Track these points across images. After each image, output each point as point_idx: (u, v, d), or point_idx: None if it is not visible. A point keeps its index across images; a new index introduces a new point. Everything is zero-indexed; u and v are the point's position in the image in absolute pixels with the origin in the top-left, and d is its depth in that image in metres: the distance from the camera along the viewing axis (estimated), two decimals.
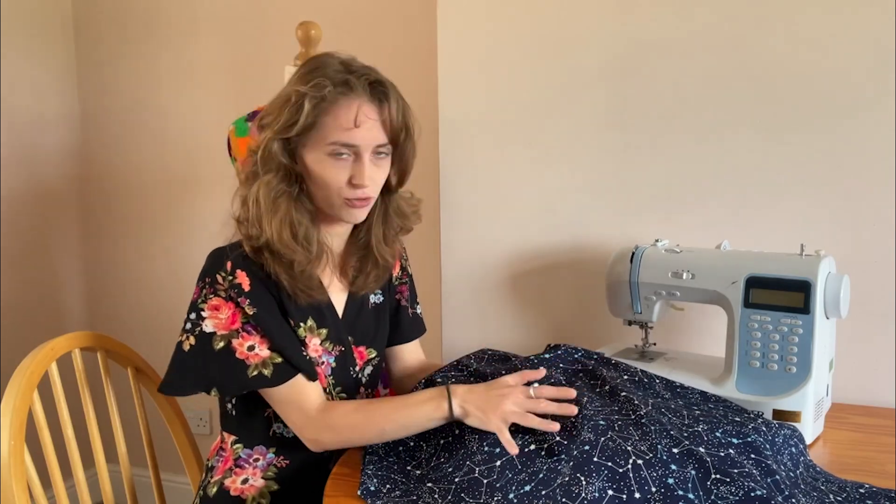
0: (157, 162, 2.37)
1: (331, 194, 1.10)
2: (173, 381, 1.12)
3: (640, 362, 1.27)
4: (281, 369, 1.09)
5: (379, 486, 0.99)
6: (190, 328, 1.11)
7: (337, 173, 1.09)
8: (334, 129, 1.07)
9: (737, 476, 0.87)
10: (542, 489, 0.90)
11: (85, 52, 2.43)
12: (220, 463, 1.20)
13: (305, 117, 1.06)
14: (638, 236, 1.42)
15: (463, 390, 1.07)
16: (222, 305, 1.09)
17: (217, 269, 1.10)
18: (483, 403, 1.04)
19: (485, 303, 1.60)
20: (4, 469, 1.08)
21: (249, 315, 1.09)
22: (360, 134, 1.08)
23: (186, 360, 1.11)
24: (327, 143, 1.07)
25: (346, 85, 1.07)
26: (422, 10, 1.90)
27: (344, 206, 1.11)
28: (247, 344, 1.09)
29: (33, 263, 2.35)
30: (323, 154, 1.08)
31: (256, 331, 1.09)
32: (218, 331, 1.09)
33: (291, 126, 1.07)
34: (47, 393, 1.19)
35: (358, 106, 1.07)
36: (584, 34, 1.46)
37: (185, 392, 1.12)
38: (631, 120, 1.45)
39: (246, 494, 1.15)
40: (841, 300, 1.12)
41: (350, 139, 1.07)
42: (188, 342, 1.11)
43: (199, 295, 1.11)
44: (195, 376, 1.10)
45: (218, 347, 1.09)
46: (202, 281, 1.12)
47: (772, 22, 1.34)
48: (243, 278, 1.09)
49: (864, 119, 1.30)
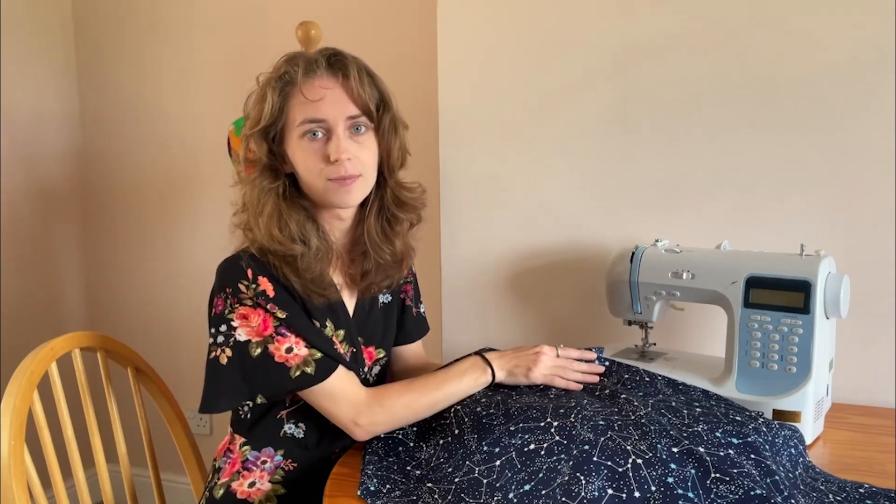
0: (156, 162, 2.37)
1: (314, 178, 1.10)
2: (214, 397, 1.09)
3: (640, 362, 1.27)
4: (323, 364, 1.09)
5: (379, 486, 0.99)
6: (223, 341, 1.08)
7: (314, 154, 1.09)
8: (300, 108, 1.08)
9: (736, 475, 0.87)
10: (541, 489, 0.90)
11: (85, 52, 2.43)
12: (228, 465, 1.20)
13: (271, 105, 1.08)
14: (638, 236, 1.42)
15: (496, 355, 1.18)
16: (251, 313, 1.08)
17: (238, 279, 1.08)
18: (522, 362, 1.16)
19: (485, 303, 1.60)
20: (4, 469, 1.08)
21: (281, 319, 1.08)
22: (325, 107, 1.08)
23: (226, 372, 1.08)
24: (297, 124, 1.08)
25: (306, 66, 1.09)
26: (422, 10, 1.90)
27: (331, 189, 1.10)
28: (284, 346, 1.08)
29: (33, 263, 2.35)
30: (297, 138, 1.09)
31: (290, 332, 1.08)
32: (252, 338, 1.07)
33: (262, 118, 1.08)
34: (47, 393, 1.19)
35: (319, 80, 1.09)
36: (584, 34, 1.46)
37: (230, 406, 1.10)
38: (631, 120, 1.45)
39: (252, 498, 1.15)
40: (841, 300, 1.12)
41: (316, 113, 1.08)
42: (224, 355, 1.08)
43: (225, 306, 1.09)
44: (236, 387, 1.08)
45: (256, 354, 1.07)
46: (223, 292, 1.09)
47: (772, 22, 1.33)
48: (266, 284, 1.08)
49: (864, 119, 1.30)
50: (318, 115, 1.08)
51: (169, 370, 1.65)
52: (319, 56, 1.10)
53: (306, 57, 1.11)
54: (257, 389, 1.08)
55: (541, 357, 1.16)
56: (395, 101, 1.15)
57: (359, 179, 1.11)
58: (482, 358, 1.16)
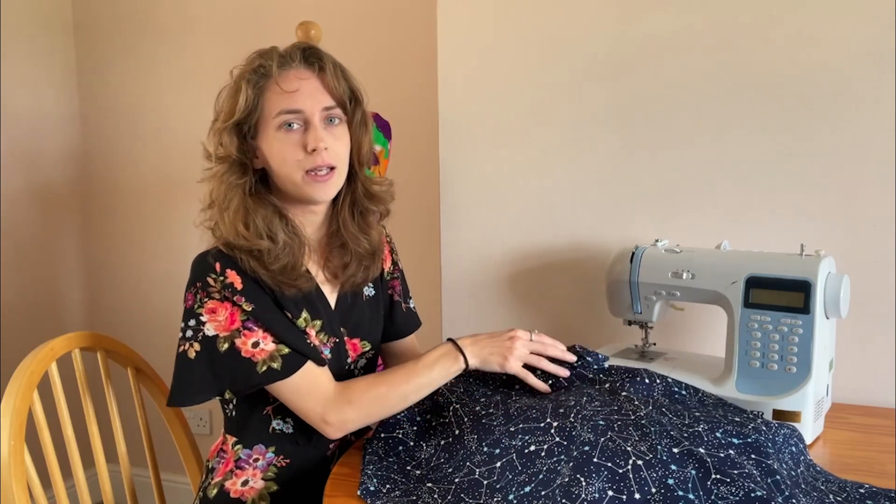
0: (156, 162, 2.37)
1: (290, 170, 1.10)
2: (182, 391, 1.10)
3: (640, 362, 1.27)
4: (290, 359, 1.08)
5: (379, 486, 0.99)
6: (192, 335, 1.09)
7: (291, 145, 1.09)
8: (277, 99, 1.08)
9: (737, 477, 0.87)
10: (541, 490, 0.90)
11: (85, 52, 2.43)
12: (221, 465, 1.20)
13: (246, 98, 1.08)
14: (638, 236, 1.42)
15: (470, 341, 1.14)
16: (218, 307, 1.08)
17: (206, 273, 1.09)
18: (496, 348, 1.13)
19: (485, 302, 1.60)
20: (4, 469, 1.08)
21: (248, 311, 1.08)
22: (301, 98, 1.09)
23: (194, 367, 1.09)
24: (273, 116, 1.09)
25: (281, 59, 1.10)
26: (422, 10, 1.90)
27: (307, 182, 1.10)
28: (250, 341, 1.08)
29: (33, 263, 2.35)
30: (273, 130, 1.09)
31: (258, 326, 1.08)
32: (220, 332, 1.08)
33: (241, 109, 1.08)
34: (47, 393, 1.19)
35: (294, 71, 1.10)
36: (583, 34, 1.46)
37: (196, 400, 1.10)
38: (631, 120, 1.45)
39: (246, 497, 1.15)
40: (841, 300, 1.12)
41: (292, 104, 1.08)
42: (193, 349, 1.09)
43: (194, 300, 1.10)
44: (205, 382, 1.09)
45: (223, 349, 1.08)
46: (193, 287, 1.10)
47: (772, 21, 1.34)
48: (234, 277, 1.09)
49: (864, 119, 1.30)
50: (294, 106, 1.08)
51: (169, 370, 1.64)
52: (294, 49, 1.11)
53: (280, 51, 1.12)
54: (225, 384, 1.09)
55: (515, 343, 1.13)
56: (366, 98, 1.16)
57: (335, 173, 1.12)
58: (454, 345, 1.14)
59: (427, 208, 1.73)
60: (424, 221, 1.78)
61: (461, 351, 1.12)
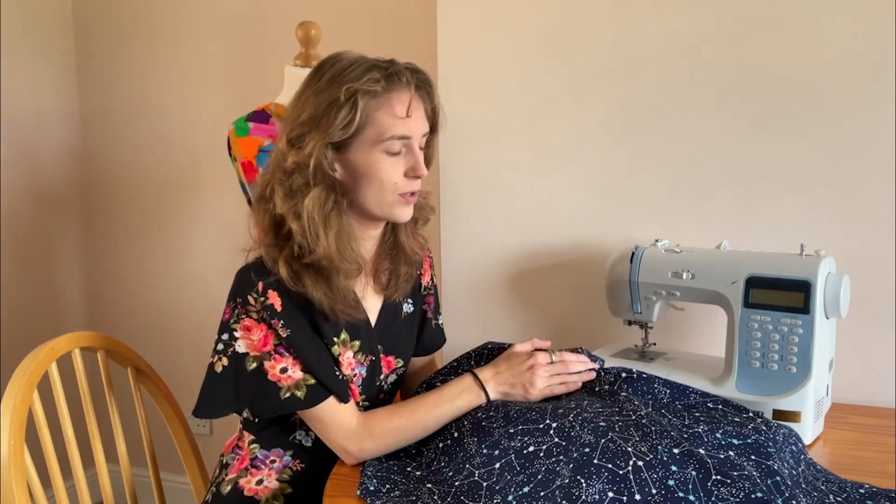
0: (157, 162, 2.37)
1: (385, 193, 1.08)
2: (207, 402, 1.10)
3: (640, 362, 1.27)
4: (314, 391, 1.08)
5: (379, 487, 0.99)
6: (222, 349, 1.09)
7: (393, 169, 1.07)
8: (390, 122, 1.05)
9: (737, 478, 0.87)
10: (540, 490, 0.90)
11: (85, 52, 2.43)
12: (236, 461, 1.20)
13: (361, 114, 1.03)
14: (638, 236, 1.42)
15: (490, 373, 1.14)
16: (254, 327, 1.07)
17: (248, 290, 1.07)
18: (517, 380, 1.12)
19: (485, 303, 1.60)
20: (4, 469, 1.08)
21: (283, 337, 1.07)
22: (412, 124, 1.07)
23: (219, 381, 1.08)
24: (383, 139, 1.05)
25: (395, 77, 1.06)
26: (422, 10, 1.90)
27: (397, 203, 1.09)
28: (279, 366, 1.07)
29: (33, 263, 2.35)
30: (378, 152, 1.06)
31: (289, 352, 1.07)
32: (250, 352, 1.07)
33: (347, 126, 1.03)
34: (47, 393, 1.19)
35: (409, 96, 1.07)
36: (583, 35, 1.46)
37: (219, 414, 1.10)
38: (631, 120, 1.45)
39: (260, 496, 1.15)
40: (841, 300, 1.12)
41: (407, 130, 1.06)
42: (220, 363, 1.08)
43: (231, 315, 1.09)
44: (228, 397, 1.09)
45: (251, 368, 1.07)
46: (233, 301, 1.09)
47: (772, 22, 1.33)
48: (275, 298, 1.07)
49: (864, 119, 1.30)
50: (407, 133, 1.07)
51: (169, 370, 1.65)
52: (404, 70, 1.08)
53: (387, 65, 1.07)
54: (245, 403, 1.09)
55: (536, 373, 1.12)
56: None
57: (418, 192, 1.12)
58: (475, 379, 1.13)
59: None
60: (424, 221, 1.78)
61: (482, 387, 1.12)
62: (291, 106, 1.10)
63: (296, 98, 1.10)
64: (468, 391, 1.11)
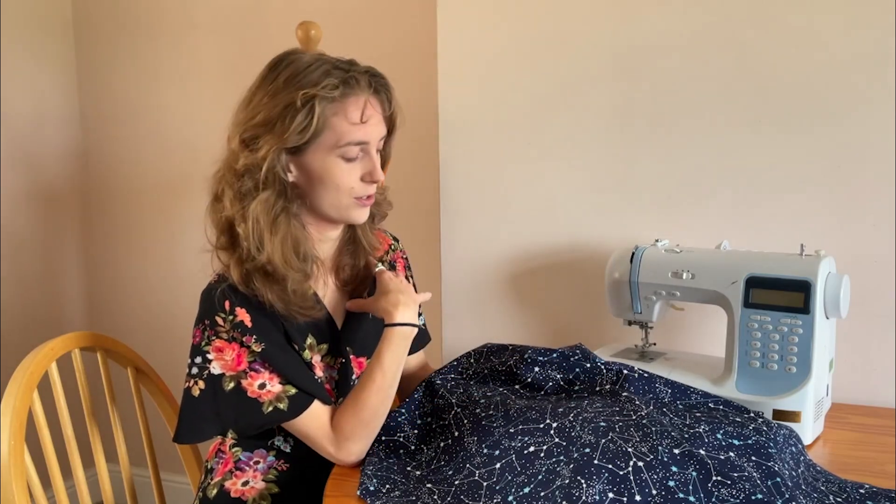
0: (157, 162, 2.37)
1: (341, 197, 1.08)
2: (188, 427, 1.09)
3: (640, 362, 1.27)
4: (297, 400, 1.07)
5: (379, 486, 0.99)
6: (197, 373, 1.08)
7: (350, 174, 1.07)
8: (346, 128, 1.04)
9: (737, 479, 0.87)
10: (540, 490, 0.90)
11: (85, 52, 2.43)
12: (220, 465, 1.20)
13: (318, 120, 1.02)
14: (638, 236, 1.42)
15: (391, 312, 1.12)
16: (226, 347, 1.07)
17: (216, 311, 1.07)
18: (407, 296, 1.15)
19: (485, 303, 1.60)
20: (4, 469, 1.08)
21: (257, 352, 1.06)
22: (369, 129, 1.07)
23: (198, 405, 1.07)
24: (340, 144, 1.05)
25: (352, 81, 1.05)
26: (422, 10, 1.90)
27: (353, 207, 1.10)
28: (257, 382, 1.07)
29: (33, 263, 2.35)
30: (335, 157, 1.06)
31: (265, 367, 1.07)
32: (226, 372, 1.07)
33: (303, 132, 1.02)
34: (47, 393, 1.19)
35: (365, 101, 1.06)
36: (583, 34, 1.46)
37: (203, 437, 1.09)
38: (631, 120, 1.45)
39: (246, 496, 1.15)
40: (841, 300, 1.12)
41: (363, 136, 1.06)
42: (197, 387, 1.08)
43: (202, 338, 1.08)
44: (210, 420, 1.08)
45: (228, 388, 1.07)
46: (201, 323, 1.08)
47: (772, 21, 1.33)
48: (244, 315, 1.07)
49: (864, 118, 1.30)
50: (364, 139, 1.06)
51: (169, 370, 1.65)
52: (362, 73, 1.06)
53: (345, 68, 1.05)
54: (229, 424, 1.08)
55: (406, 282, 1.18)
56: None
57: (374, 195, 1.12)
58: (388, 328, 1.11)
59: (427, 208, 1.73)
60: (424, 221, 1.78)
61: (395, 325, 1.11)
62: (244, 104, 1.08)
63: (249, 96, 1.08)
64: (389, 342, 1.10)
